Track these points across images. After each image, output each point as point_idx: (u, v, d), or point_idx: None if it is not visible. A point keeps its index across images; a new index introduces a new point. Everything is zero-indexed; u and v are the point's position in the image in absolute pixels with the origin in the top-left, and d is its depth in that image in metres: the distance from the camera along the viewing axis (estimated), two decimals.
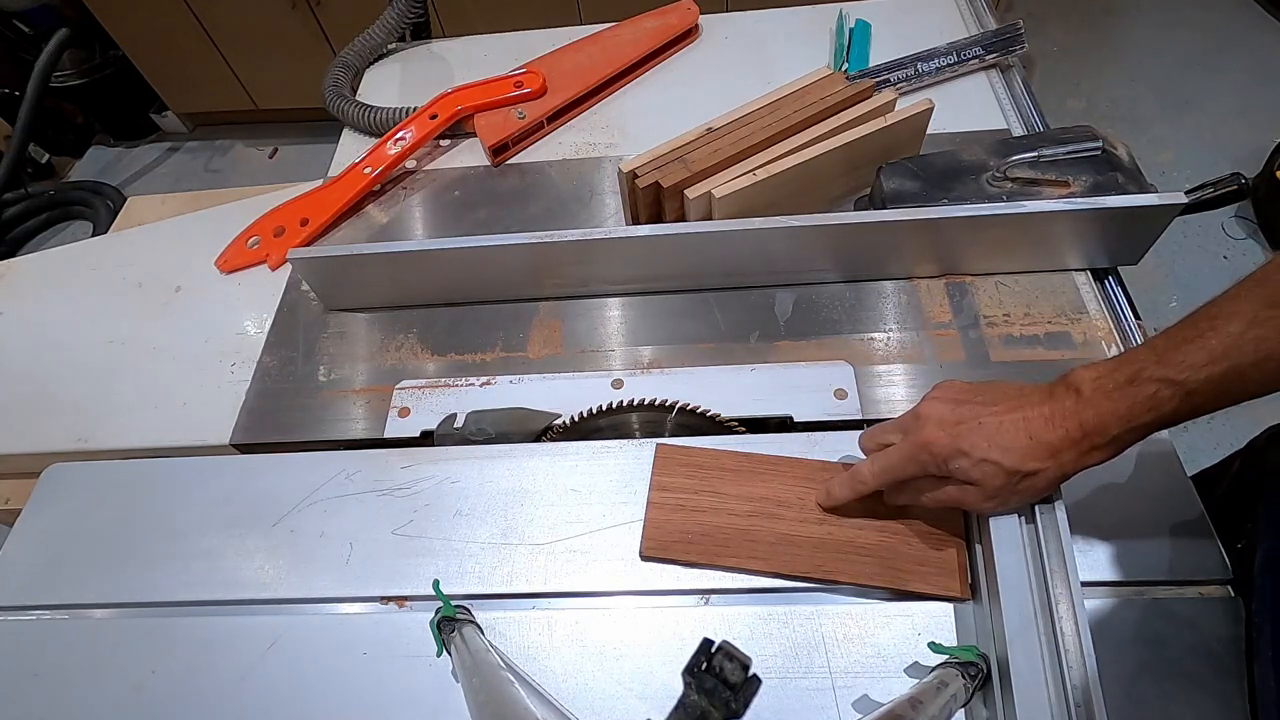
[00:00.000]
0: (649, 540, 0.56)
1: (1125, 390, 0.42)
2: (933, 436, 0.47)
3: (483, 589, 0.55)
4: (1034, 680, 0.45)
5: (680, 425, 0.65)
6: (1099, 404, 0.43)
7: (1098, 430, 0.43)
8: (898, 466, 0.50)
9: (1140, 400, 0.42)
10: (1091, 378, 0.44)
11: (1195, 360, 0.40)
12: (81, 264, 0.90)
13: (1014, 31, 0.91)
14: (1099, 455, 0.44)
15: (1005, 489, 0.46)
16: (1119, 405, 0.43)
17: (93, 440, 0.73)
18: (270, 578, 0.58)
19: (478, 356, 0.74)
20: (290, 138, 2.48)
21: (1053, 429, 0.44)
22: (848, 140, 0.73)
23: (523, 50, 1.01)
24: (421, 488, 0.61)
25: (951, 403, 0.48)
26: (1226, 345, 0.39)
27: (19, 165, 2.01)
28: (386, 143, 0.91)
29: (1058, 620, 0.46)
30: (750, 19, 1.06)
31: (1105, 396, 0.43)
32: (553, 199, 0.88)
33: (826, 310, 0.73)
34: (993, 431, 0.45)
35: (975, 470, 0.46)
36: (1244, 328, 0.39)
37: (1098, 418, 0.43)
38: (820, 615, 0.52)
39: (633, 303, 0.76)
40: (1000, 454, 0.45)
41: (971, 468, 0.46)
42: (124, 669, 0.55)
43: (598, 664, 0.52)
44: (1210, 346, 0.40)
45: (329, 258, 0.74)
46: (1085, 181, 0.70)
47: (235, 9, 2.05)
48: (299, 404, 0.72)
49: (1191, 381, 0.40)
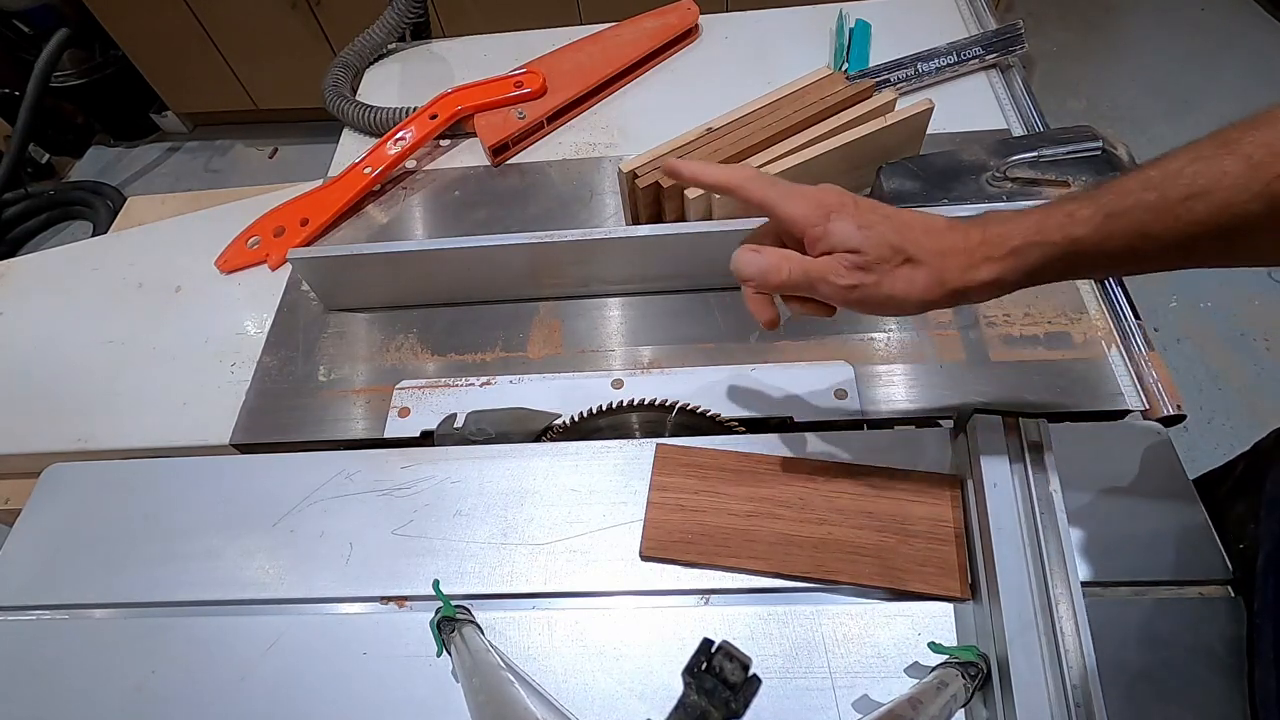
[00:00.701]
0: (649, 540, 0.56)
1: (1044, 209, 0.40)
2: (826, 192, 0.44)
3: (483, 589, 0.55)
4: (1034, 680, 0.45)
5: (680, 425, 0.65)
6: (1008, 220, 0.41)
7: (998, 240, 0.40)
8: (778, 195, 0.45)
9: (1056, 214, 0.39)
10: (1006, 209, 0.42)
11: (1126, 186, 0.38)
12: (81, 264, 0.90)
13: (1014, 31, 0.91)
14: (992, 268, 0.41)
15: (882, 266, 0.42)
16: (1028, 220, 0.40)
17: (93, 440, 0.73)
18: (270, 578, 0.58)
19: (478, 356, 0.74)
20: (290, 138, 2.48)
21: (952, 228, 0.42)
22: (848, 140, 0.73)
23: (523, 50, 1.01)
24: (421, 488, 0.61)
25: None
26: (1162, 177, 0.37)
27: (19, 165, 2.01)
28: (386, 143, 0.91)
29: (1058, 620, 0.46)
30: (750, 19, 1.06)
31: (1018, 215, 0.41)
32: (553, 199, 0.88)
33: None
34: (889, 212, 0.43)
35: (858, 234, 0.42)
36: (1184, 164, 0.36)
37: (1004, 229, 0.41)
38: (820, 615, 0.52)
39: (633, 303, 0.76)
40: (890, 229, 0.42)
41: (856, 230, 0.42)
42: (124, 669, 0.55)
43: (598, 664, 0.52)
44: (1147, 176, 0.37)
45: (329, 258, 0.74)
46: (1085, 181, 0.70)
47: (235, 9, 2.05)
48: (299, 404, 0.72)
49: (1115, 206, 0.38)
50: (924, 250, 0.41)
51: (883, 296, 0.42)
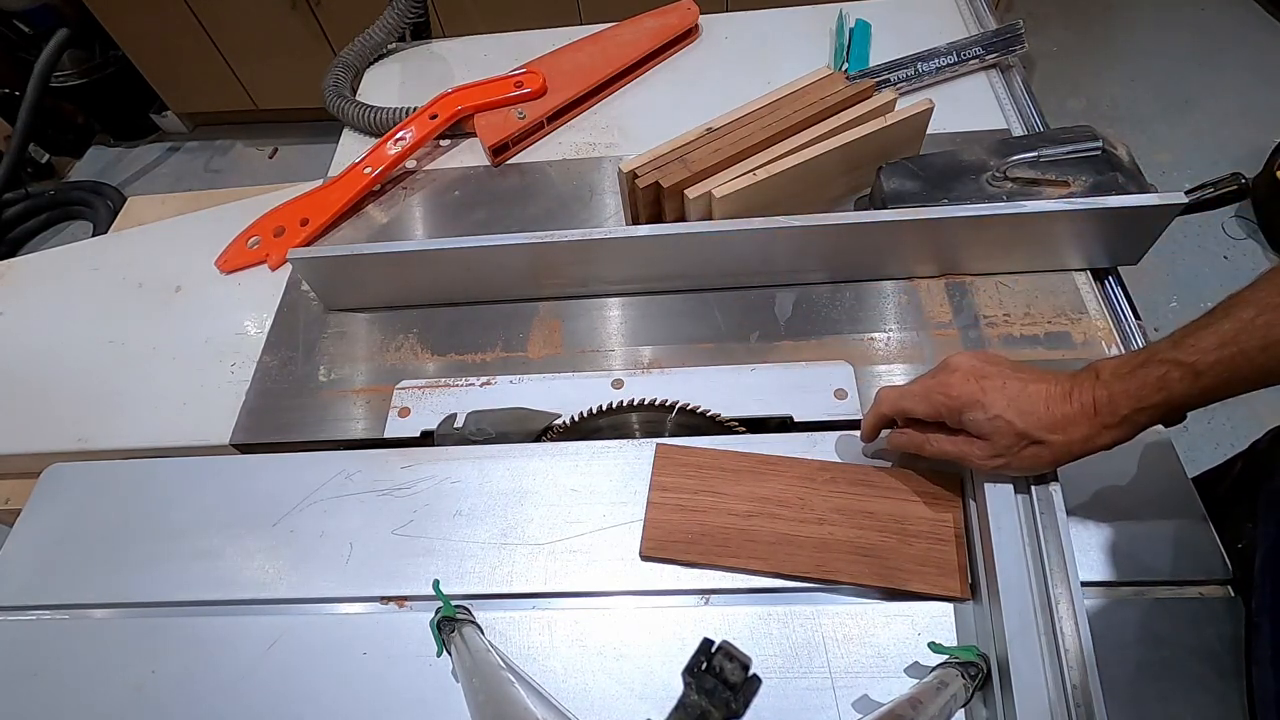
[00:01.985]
0: (649, 540, 0.56)
1: (1137, 371, 0.44)
2: (956, 382, 0.49)
3: (483, 589, 0.55)
4: (1034, 680, 0.45)
5: (680, 425, 0.65)
6: (1112, 385, 0.45)
7: (1108, 408, 0.45)
8: (913, 398, 0.52)
9: (1150, 380, 0.44)
10: (1110, 364, 0.46)
11: (1205, 344, 0.42)
12: (81, 264, 0.90)
13: (1014, 31, 0.91)
14: (1110, 435, 0.46)
15: (1011, 450, 0.48)
16: (1130, 385, 0.44)
17: (93, 440, 0.73)
18: (270, 578, 0.58)
19: (478, 356, 0.74)
20: (290, 138, 2.47)
21: (1069, 403, 0.46)
22: (848, 140, 0.73)
23: (523, 50, 1.01)
24: (421, 488, 0.61)
25: (981, 359, 0.50)
26: (1236, 330, 0.41)
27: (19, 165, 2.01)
28: (386, 143, 0.91)
29: (1058, 620, 0.46)
30: (750, 19, 1.06)
31: (1119, 378, 0.45)
32: (553, 199, 0.88)
33: (826, 310, 0.73)
34: (1015, 393, 0.47)
35: (989, 425, 0.48)
36: (1255, 314, 0.41)
37: (1110, 397, 0.45)
38: (820, 615, 0.52)
39: (633, 303, 0.76)
40: (1016, 414, 0.47)
41: (986, 421, 0.48)
42: (124, 669, 0.55)
43: (598, 664, 0.52)
44: (1221, 331, 0.42)
45: (329, 258, 0.74)
46: (1085, 181, 0.70)
47: (235, 9, 2.05)
48: (299, 404, 0.72)
49: (1200, 364, 0.42)
50: (1047, 430, 0.47)
51: (1015, 470, 0.50)
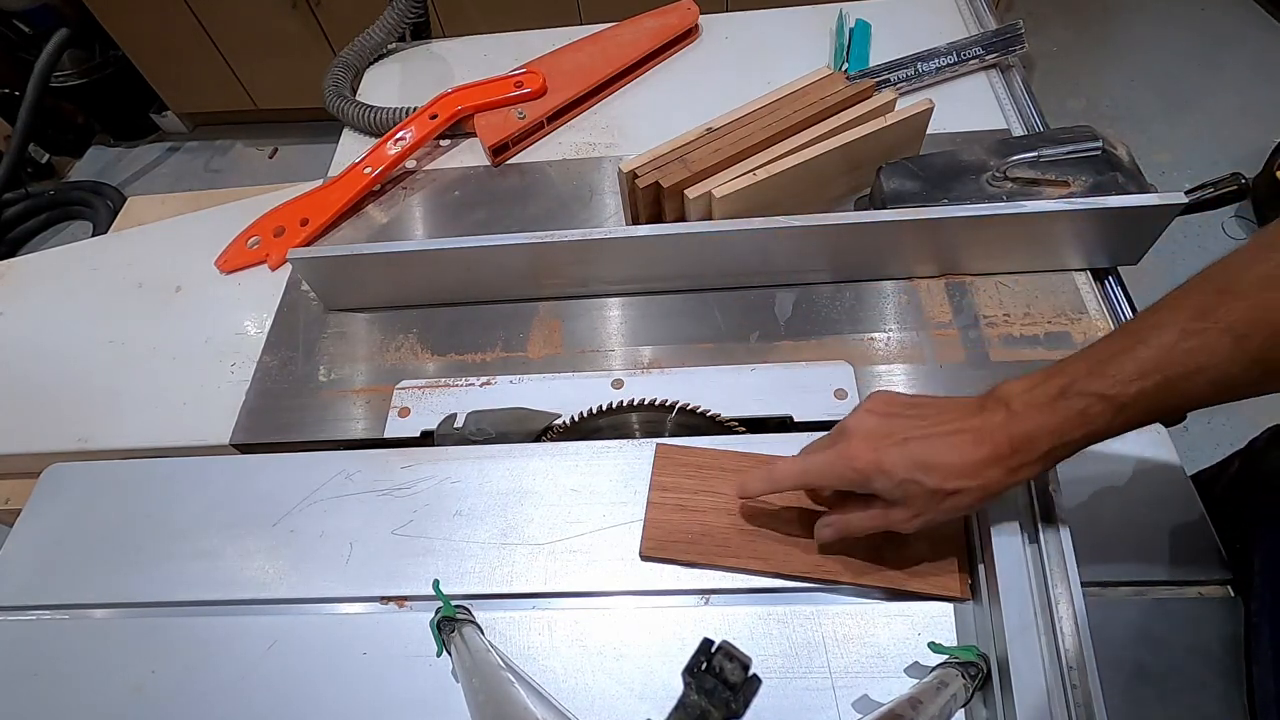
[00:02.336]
0: (649, 540, 0.56)
1: (1056, 404, 0.41)
2: (856, 451, 0.46)
3: (483, 589, 0.55)
4: (1034, 680, 0.45)
5: (680, 425, 0.65)
6: (1029, 419, 0.42)
7: (1026, 446, 0.42)
8: (816, 472, 0.49)
9: (1071, 415, 0.40)
10: (1021, 391, 0.43)
11: (1127, 374, 0.39)
12: (81, 264, 0.90)
13: (1014, 31, 0.91)
14: (1027, 472, 0.43)
15: (930, 507, 0.45)
16: (1049, 420, 0.41)
17: (93, 440, 0.73)
18: (270, 578, 0.58)
19: (478, 356, 0.74)
20: (290, 138, 2.48)
21: (979, 446, 0.43)
22: (848, 140, 0.73)
23: (523, 50, 1.01)
24: (421, 488, 0.61)
25: (880, 417, 0.47)
26: (1158, 358, 0.38)
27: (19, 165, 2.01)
28: (386, 143, 0.91)
29: (1058, 620, 0.46)
30: (750, 19, 1.06)
31: (1036, 410, 0.42)
32: (553, 199, 0.88)
33: (826, 310, 0.73)
34: (916, 450, 0.44)
35: (897, 490, 0.45)
36: (1175, 339, 0.37)
37: (1026, 434, 0.42)
38: (820, 615, 0.52)
39: (633, 303, 0.76)
40: (923, 473, 0.44)
41: (894, 487, 0.45)
42: (124, 669, 0.55)
43: (598, 664, 0.52)
44: (1141, 359, 0.38)
45: (329, 258, 0.74)
46: (1085, 181, 0.70)
47: (235, 9, 2.05)
48: (299, 404, 0.72)
49: (1123, 396, 0.39)
50: (959, 479, 0.43)
51: (941, 521, 0.46)
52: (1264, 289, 0.35)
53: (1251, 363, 0.36)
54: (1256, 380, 0.37)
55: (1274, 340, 0.35)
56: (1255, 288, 0.36)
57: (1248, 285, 0.36)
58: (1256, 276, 0.36)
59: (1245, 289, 0.36)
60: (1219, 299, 0.37)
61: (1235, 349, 0.36)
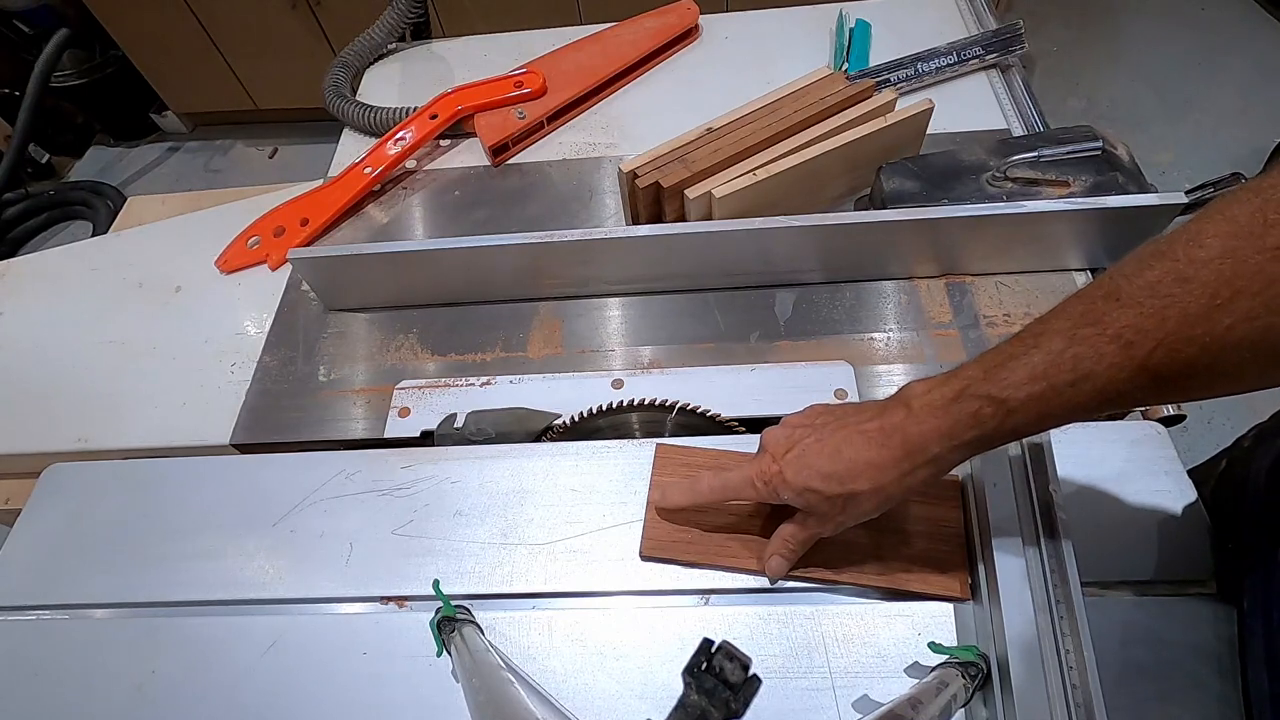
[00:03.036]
0: (649, 540, 0.56)
1: (950, 407, 0.41)
2: (765, 464, 0.47)
3: (483, 589, 0.55)
4: (1034, 680, 0.45)
5: (680, 425, 0.65)
6: (924, 420, 0.42)
7: (920, 448, 0.42)
8: (734, 486, 0.50)
9: (963, 417, 0.41)
10: (921, 392, 0.43)
11: (1017, 378, 0.39)
12: (81, 264, 0.90)
13: (1014, 31, 0.91)
14: (922, 474, 0.43)
15: (834, 513, 0.46)
16: (943, 423, 0.41)
17: (93, 440, 0.73)
18: (270, 578, 0.58)
19: (478, 356, 0.74)
20: (290, 138, 2.47)
21: (875, 447, 0.43)
22: (848, 140, 0.73)
23: (523, 50, 1.01)
24: (421, 488, 0.61)
25: (790, 428, 0.48)
26: (1046, 364, 0.38)
27: (19, 165, 2.01)
28: (386, 143, 0.91)
29: (1058, 620, 0.46)
30: (750, 19, 1.06)
31: (931, 413, 0.42)
32: (553, 199, 0.88)
33: (826, 310, 0.73)
34: (813, 458, 0.45)
35: (801, 500, 0.46)
36: (1063, 345, 0.37)
37: (921, 435, 0.42)
38: (820, 615, 0.52)
39: (633, 303, 0.76)
40: (820, 481, 0.45)
41: (796, 497, 0.46)
42: (124, 669, 0.55)
43: (598, 664, 0.52)
44: (1032, 364, 0.38)
45: (329, 258, 0.74)
46: (1085, 181, 0.70)
47: (235, 9, 2.05)
48: (299, 404, 0.72)
49: (1013, 400, 0.39)
50: (855, 481, 0.44)
51: (852, 523, 0.48)
52: (1150, 297, 0.35)
53: (1138, 370, 0.36)
54: (1144, 389, 0.37)
55: (1159, 348, 0.35)
56: (1142, 294, 0.35)
57: (1135, 292, 0.36)
58: (1145, 283, 0.36)
59: (1133, 296, 0.36)
60: (1107, 306, 0.37)
61: (1121, 356, 0.36)
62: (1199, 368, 0.35)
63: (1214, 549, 0.53)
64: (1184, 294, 0.34)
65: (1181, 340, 0.34)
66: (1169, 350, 0.35)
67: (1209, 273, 0.34)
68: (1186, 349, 0.34)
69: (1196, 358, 0.34)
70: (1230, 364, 0.34)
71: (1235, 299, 0.33)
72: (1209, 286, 0.34)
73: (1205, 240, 0.34)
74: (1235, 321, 0.33)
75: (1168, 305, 0.35)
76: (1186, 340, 0.34)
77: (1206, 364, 0.34)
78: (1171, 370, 0.35)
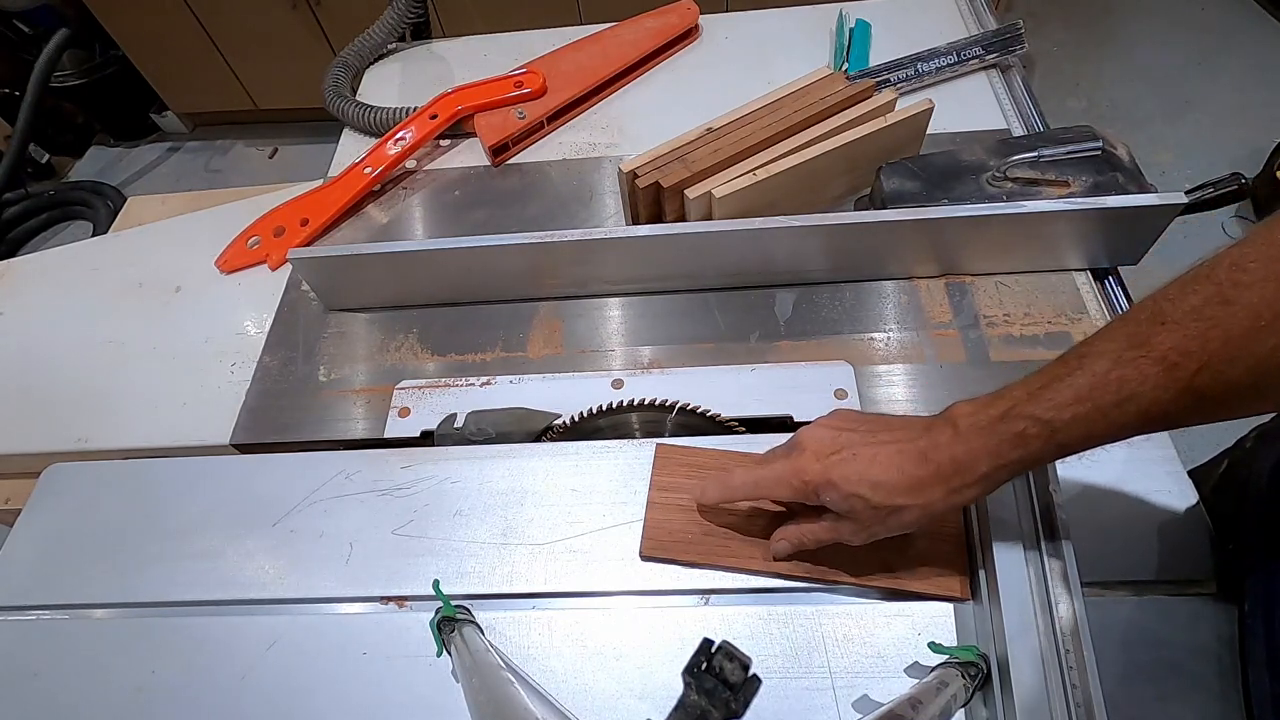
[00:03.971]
0: (649, 540, 0.56)
1: (996, 427, 0.42)
2: (806, 464, 0.47)
3: (483, 589, 0.55)
4: (1034, 680, 0.45)
5: (680, 425, 0.65)
6: (971, 440, 0.42)
7: (967, 467, 0.43)
8: (767, 483, 0.50)
9: (1009, 437, 0.41)
10: (968, 413, 0.43)
11: (1062, 399, 0.39)
12: (81, 264, 0.90)
13: (1014, 31, 0.91)
14: (969, 493, 0.43)
15: (873, 523, 0.46)
16: (989, 442, 0.42)
17: (93, 440, 0.73)
18: (270, 578, 0.58)
19: (478, 356, 0.74)
20: (290, 138, 2.48)
21: (924, 464, 0.44)
22: (848, 140, 0.73)
23: (523, 50, 1.00)
24: (421, 488, 0.61)
25: (833, 430, 0.48)
26: (1091, 384, 0.39)
27: (19, 165, 2.01)
28: (386, 143, 0.91)
29: (1058, 620, 0.46)
30: (750, 19, 1.06)
31: (978, 433, 0.42)
32: (553, 199, 0.88)
33: (826, 310, 0.73)
34: (864, 464, 0.45)
35: (844, 503, 0.46)
36: (1109, 367, 0.38)
37: (968, 454, 0.43)
38: (820, 615, 0.52)
39: (633, 303, 0.76)
40: (868, 489, 0.45)
41: (840, 500, 0.46)
42: (124, 669, 0.55)
43: (598, 664, 0.52)
44: (1077, 385, 0.39)
45: (329, 258, 0.74)
46: (1085, 181, 0.70)
47: (235, 9, 2.05)
48: (299, 404, 0.72)
49: (1057, 420, 0.40)
50: (903, 496, 0.44)
51: (884, 535, 0.47)
52: (1194, 320, 0.36)
53: (1181, 392, 0.36)
54: (1188, 409, 0.37)
55: (1203, 370, 0.36)
56: (1187, 318, 0.36)
57: (1180, 316, 0.37)
58: (1189, 307, 0.37)
59: (1177, 319, 0.37)
60: (1151, 329, 0.37)
61: (1166, 378, 0.36)
62: (1242, 388, 0.36)
63: (1214, 550, 0.53)
64: (1227, 316, 0.35)
65: (1225, 362, 0.35)
66: (1213, 372, 0.35)
67: (1252, 295, 0.35)
68: (1230, 370, 0.35)
69: (1240, 379, 0.35)
70: (1272, 384, 0.35)
71: (1277, 321, 0.34)
72: (1251, 309, 0.35)
73: (1248, 264, 0.35)
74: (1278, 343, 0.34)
75: (1211, 327, 0.35)
76: (1230, 361, 0.35)
77: (1250, 384, 0.35)
78: (1215, 391, 0.36)
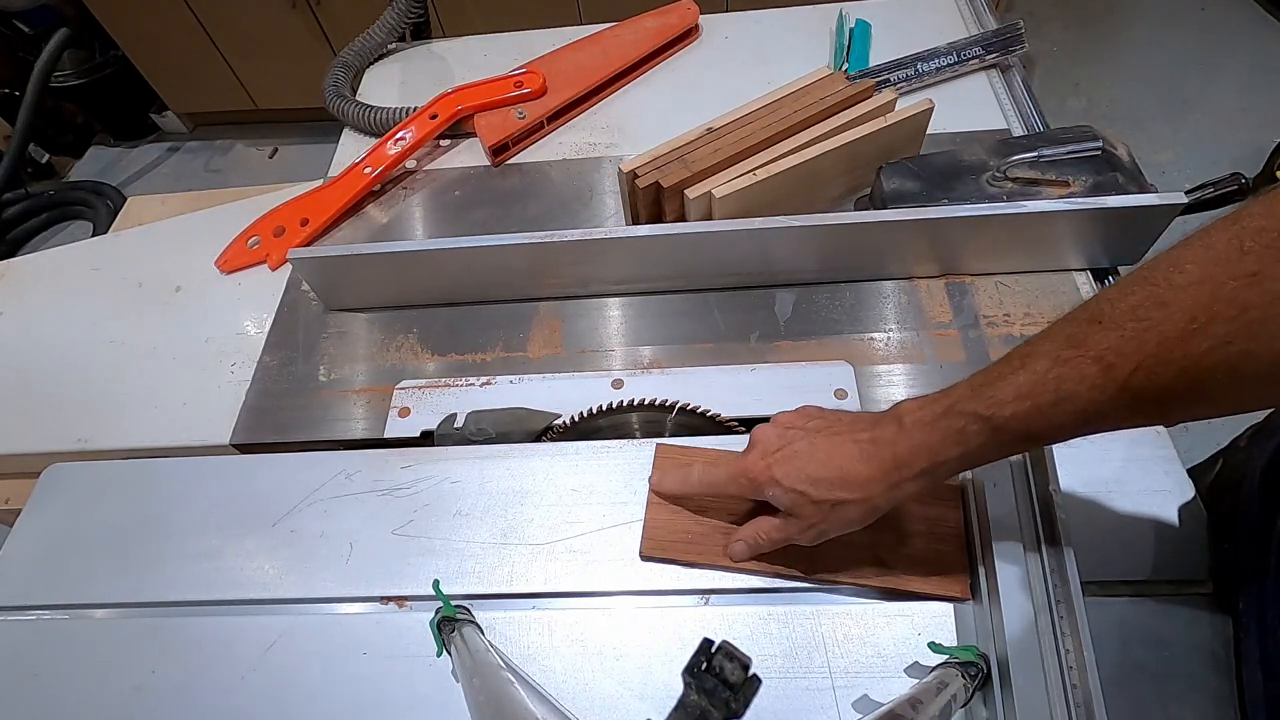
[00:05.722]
0: (649, 540, 0.56)
1: (938, 423, 0.42)
2: (752, 462, 0.48)
3: (483, 589, 0.55)
4: (1034, 680, 0.45)
5: (680, 425, 0.65)
6: (913, 436, 0.43)
7: (907, 463, 0.43)
8: (719, 482, 0.51)
9: (950, 434, 0.42)
10: (913, 409, 0.44)
11: (1003, 396, 0.40)
12: (81, 264, 0.90)
13: (1014, 31, 0.91)
14: (909, 488, 0.44)
15: (818, 519, 0.47)
16: (930, 438, 0.42)
17: (93, 440, 0.73)
18: (270, 578, 0.58)
19: (478, 356, 0.74)
20: (290, 138, 2.47)
21: (866, 460, 0.44)
22: (848, 140, 0.73)
23: (523, 50, 1.00)
24: (421, 488, 0.61)
25: (781, 428, 0.49)
26: (1031, 383, 0.39)
27: (19, 165, 2.01)
28: (386, 143, 0.90)
29: (1058, 620, 0.46)
30: (750, 19, 1.06)
31: (920, 428, 0.43)
32: (553, 199, 0.88)
33: (826, 310, 0.73)
34: (804, 461, 0.46)
35: (787, 499, 0.47)
36: (1048, 366, 0.38)
37: (909, 450, 0.43)
38: (820, 615, 0.52)
39: (633, 303, 0.76)
40: (809, 484, 0.45)
41: (784, 496, 0.47)
42: (124, 669, 0.55)
43: (598, 664, 0.52)
44: (1018, 383, 0.39)
45: (329, 258, 0.74)
46: (1085, 181, 0.70)
47: (235, 9, 2.05)
48: (299, 404, 0.72)
49: (997, 418, 0.40)
50: (844, 491, 0.45)
51: (833, 533, 0.48)
52: (1131, 320, 0.36)
53: (1118, 392, 0.36)
54: (1125, 411, 0.37)
55: (1138, 371, 0.36)
56: (1124, 319, 0.36)
57: (1118, 316, 0.37)
58: (1127, 308, 0.36)
59: (1115, 320, 0.37)
60: (1090, 329, 0.37)
61: (1102, 378, 0.37)
62: (1177, 391, 0.35)
63: (1211, 549, 0.53)
64: (1162, 318, 0.35)
65: (1160, 363, 0.35)
66: (1148, 373, 0.35)
67: (1186, 298, 0.34)
68: (1164, 372, 0.35)
69: (1174, 381, 0.35)
70: (1207, 387, 0.35)
71: (1211, 324, 0.34)
72: (1186, 311, 0.34)
73: (1185, 266, 0.35)
74: (1211, 346, 0.34)
75: (1147, 329, 0.35)
76: (1164, 363, 0.35)
77: (1185, 387, 0.35)
78: (1150, 392, 0.36)
